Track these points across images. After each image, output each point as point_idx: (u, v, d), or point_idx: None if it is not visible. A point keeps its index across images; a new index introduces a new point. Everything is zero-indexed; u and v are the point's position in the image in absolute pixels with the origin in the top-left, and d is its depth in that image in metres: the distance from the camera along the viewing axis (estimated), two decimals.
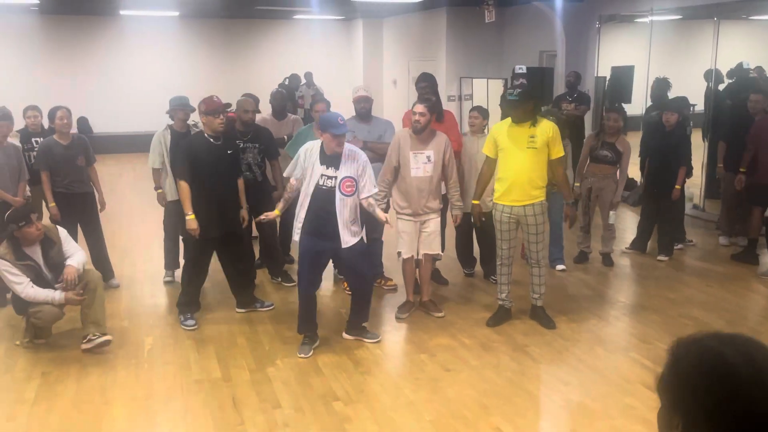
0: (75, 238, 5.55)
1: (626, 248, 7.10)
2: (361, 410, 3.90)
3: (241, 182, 5.35)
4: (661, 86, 8.36)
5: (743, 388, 1.05)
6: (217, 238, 5.13)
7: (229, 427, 3.75)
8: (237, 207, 5.27)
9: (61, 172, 5.72)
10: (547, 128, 4.85)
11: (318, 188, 4.53)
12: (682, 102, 7.64)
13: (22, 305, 4.75)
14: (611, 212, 6.58)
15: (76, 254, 4.81)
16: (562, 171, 5.09)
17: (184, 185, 4.95)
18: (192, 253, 5.20)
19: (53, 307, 4.62)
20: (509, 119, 4.91)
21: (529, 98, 4.84)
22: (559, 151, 4.92)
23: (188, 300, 5.22)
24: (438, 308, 5.38)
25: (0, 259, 4.54)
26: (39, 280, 4.66)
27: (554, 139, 4.86)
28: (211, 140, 5.05)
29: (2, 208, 5.50)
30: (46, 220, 5.89)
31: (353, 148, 4.72)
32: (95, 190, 6.07)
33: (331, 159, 4.54)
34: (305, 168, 4.58)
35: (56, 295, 4.59)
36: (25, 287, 4.56)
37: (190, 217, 4.94)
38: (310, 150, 4.60)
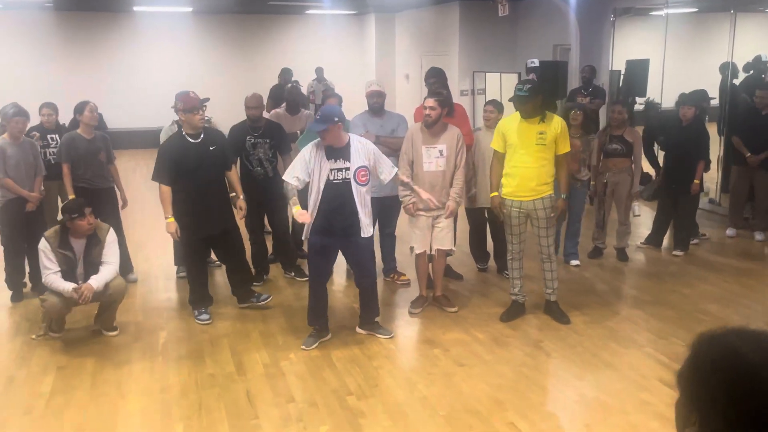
0: None
1: (641, 243, 7.05)
2: (374, 405, 3.90)
3: (232, 173, 5.26)
4: (651, 108, 8.30)
5: (760, 388, 1.03)
6: (210, 237, 5.11)
7: (243, 421, 3.76)
8: (226, 204, 5.20)
9: (83, 166, 5.79)
10: (556, 124, 4.83)
11: (329, 183, 4.50)
12: (702, 95, 7.59)
13: (42, 287, 4.88)
14: (634, 204, 6.54)
15: (105, 268, 4.79)
16: (566, 167, 5.05)
17: (164, 189, 4.92)
18: (188, 255, 5.20)
19: (59, 301, 4.67)
20: (517, 114, 4.88)
21: (538, 93, 4.80)
22: (565, 147, 4.90)
23: (198, 296, 5.23)
24: (451, 303, 5.37)
25: (44, 239, 4.72)
26: (70, 272, 4.76)
27: (562, 134, 4.85)
28: (191, 140, 4.96)
29: (19, 203, 5.57)
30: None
31: (359, 138, 4.72)
32: (116, 187, 6.11)
33: (338, 152, 4.51)
34: (312, 167, 4.51)
35: (68, 287, 4.63)
36: (49, 274, 4.68)
37: (169, 221, 4.92)
38: (313, 149, 4.55)
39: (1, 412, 3.90)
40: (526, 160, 4.81)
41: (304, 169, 4.52)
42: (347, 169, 4.50)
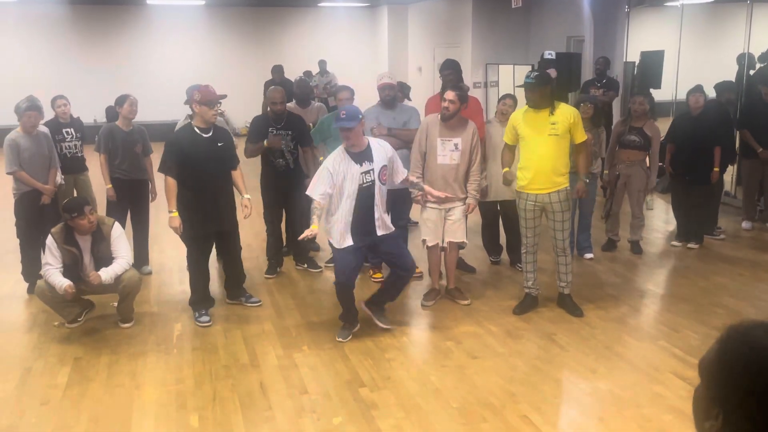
0: (123, 223, 5.66)
1: (674, 242, 6.85)
2: (387, 396, 3.92)
3: (237, 173, 5.14)
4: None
5: None
6: (214, 234, 5.07)
7: (257, 412, 3.78)
8: (231, 202, 5.13)
9: (119, 157, 5.89)
10: (567, 113, 4.77)
11: (361, 188, 4.46)
12: (728, 86, 7.51)
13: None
14: (648, 197, 6.47)
15: (117, 262, 4.82)
16: (585, 154, 5.01)
17: (170, 181, 4.81)
18: (192, 253, 5.13)
19: (48, 288, 4.76)
20: (526, 106, 4.85)
21: (546, 82, 4.75)
22: (581, 136, 4.84)
23: (199, 298, 5.14)
24: (464, 296, 5.36)
25: (50, 236, 4.80)
26: (74, 267, 4.81)
27: (576, 124, 4.79)
28: (201, 134, 4.90)
29: (33, 196, 5.62)
30: (100, 206, 6.05)
31: (375, 139, 4.75)
32: (149, 180, 6.18)
33: (363, 155, 4.49)
34: (337, 178, 4.41)
35: (62, 284, 4.67)
36: (48, 268, 4.76)
37: (173, 215, 4.83)
38: (336, 160, 4.46)
39: (18, 402, 3.95)
40: (541, 152, 4.78)
41: (329, 183, 4.41)
42: (372, 170, 4.51)
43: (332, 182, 4.42)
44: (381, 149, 4.60)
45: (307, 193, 4.53)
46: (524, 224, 5.01)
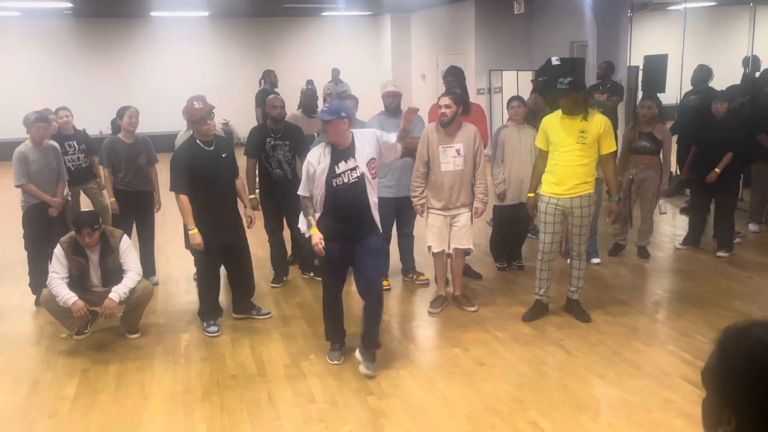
0: (129, 235, 5.67)
1: (679, 245, 6.88)
2: (395, 405, 3.91)
3: (239, 182, 5.15)
4: (703, 72, 8.12)
5: None
6: (222, 247, 5.02)
7: (265, 422, 3.78)
8: (238, 213, 5.12)
9: (123, 169, 5.91)
10: (598, 123, 4.73)
11: (331, 188, 4.17)
12: (739, 89, 7.46)
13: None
14: (661, 201, 6.43)
15: (128, 276, 4.81)
16: (612, 167, 4.98)
17: (184, 199, 4.76)
18: (202, 265, 5.11)
19: (52, 298, 4.73)
20: (560, 111, 4.82)
21: (579, 88, 4.73)
22: (610, 146, 4.80)
23: (208, 308, 5.13)
24: (470, 302, 5.35)
25: (59, 245, 4.81)
26: (81, 278, 4.82)
27: (605, 134, 4.74)
28: (204, 147, 4.87)
29: (41, 209, 5.64)
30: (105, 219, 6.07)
31: (359, 131, 4.40)
32: (154, 190, 6.20)
33: (344, 152, 4.19)
34: (318, 172, 4.17)
35: (69, 300, 4.65)
36: (55, 278, 4.73)
37: (193, 232, 4.78)
38: (316, 157, 4.22)
39: (27, 414, 3.95)
40: (566, 159, 4.75)
41: (312, 177, 4.21)
42: (356, 167, 4.18)
43: (316, 178, 4.20)
44: (365, 141, 4.26)
45: (299, 193, 4.33)
46: (543, 228, 4.96)
